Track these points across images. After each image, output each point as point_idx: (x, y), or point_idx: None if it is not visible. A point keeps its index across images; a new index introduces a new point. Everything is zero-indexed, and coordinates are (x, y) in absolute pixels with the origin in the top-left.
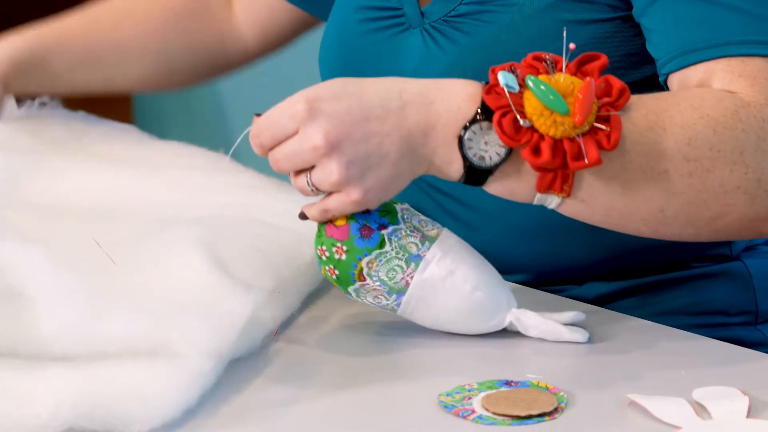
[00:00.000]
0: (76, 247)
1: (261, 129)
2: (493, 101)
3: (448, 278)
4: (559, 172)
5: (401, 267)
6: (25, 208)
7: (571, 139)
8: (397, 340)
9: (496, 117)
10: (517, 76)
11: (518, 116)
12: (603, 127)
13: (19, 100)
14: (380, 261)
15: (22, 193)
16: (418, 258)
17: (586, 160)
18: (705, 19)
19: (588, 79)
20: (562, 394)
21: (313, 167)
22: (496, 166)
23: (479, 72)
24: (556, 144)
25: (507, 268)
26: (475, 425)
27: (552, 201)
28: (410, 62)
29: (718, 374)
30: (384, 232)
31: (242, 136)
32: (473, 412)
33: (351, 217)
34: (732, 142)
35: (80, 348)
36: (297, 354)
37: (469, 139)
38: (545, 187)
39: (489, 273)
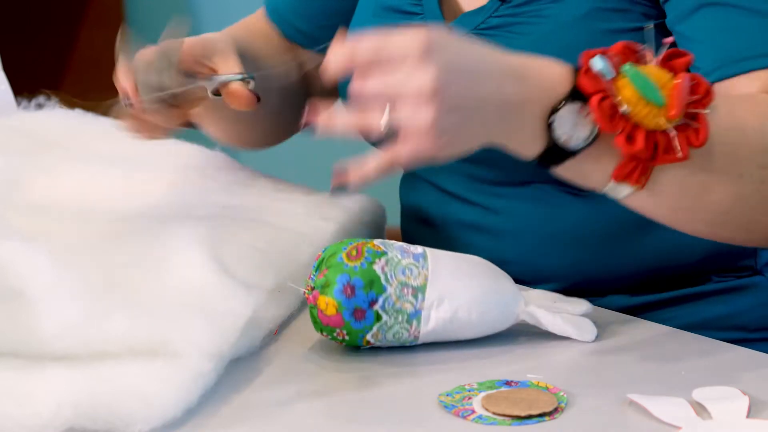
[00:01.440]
0: (75, 247)
1: (363, 42)
2: (590, 85)
3: (453, 319)
4: (641, 163)
5: (405, 328)
6: (25, 208)
7: (663, 132)
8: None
9: (595, 100)
10: (610, 62)
11: (618, 102)
12: (692, 123)
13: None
14: (383, 331)
15: (21, 193)
16: (417, 314)
17: (679, 154)
18: (749, 29)
19: (683, 73)
20: (562, 394)
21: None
22: (581, 149)
23: None
24: (649, 135)
25: (536, 277)
26: (475, 425)
27: (623, 191)
28: None
29: (718, 374)
30: (376, 307)
31: (324, 46)
32: (473, 412)
33: (339, 306)
34: None
35: (81, 348)
36: (297, 354)
37: (561, 118)
38: (623, 177)
39: (489, 284)
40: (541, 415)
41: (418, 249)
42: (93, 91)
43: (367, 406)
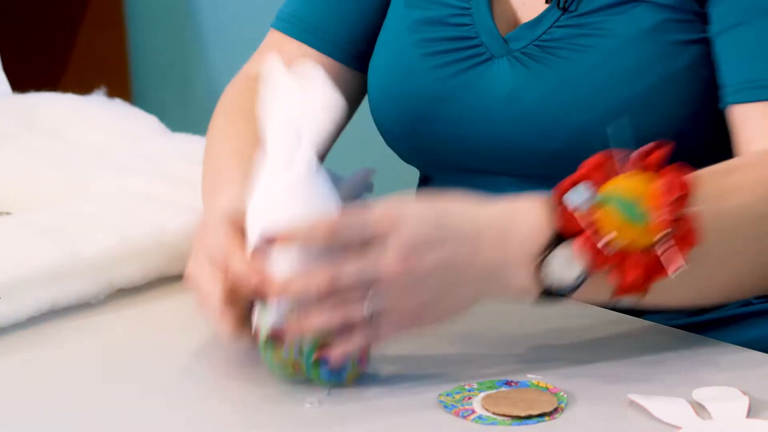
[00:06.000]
0: None
1: (339, 224)
2: (570, 226)
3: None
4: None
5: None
6: None
7: (653, 250)
8: (398, 339)
9: (578, 245)
10: (586, 188)
11: (600, 239)
12: (681, 226)
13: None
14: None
15: None
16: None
17: (669, 271)
18: None
19: (661, 182)
20: (562, 394)
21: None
22: (576, 287)
23: (581, 101)
24: (640, 258)
25: None
26: (475, 425)
27: (627, 301)
28: (498, 92)
29: (718, 374)
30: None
31: None
32: (473, 412)
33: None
34: None
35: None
36: None
37: (547, 268)
38: (623, 294)
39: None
40: (541, 415)
41: None
42: (92, 91)
43: (367, 406)
